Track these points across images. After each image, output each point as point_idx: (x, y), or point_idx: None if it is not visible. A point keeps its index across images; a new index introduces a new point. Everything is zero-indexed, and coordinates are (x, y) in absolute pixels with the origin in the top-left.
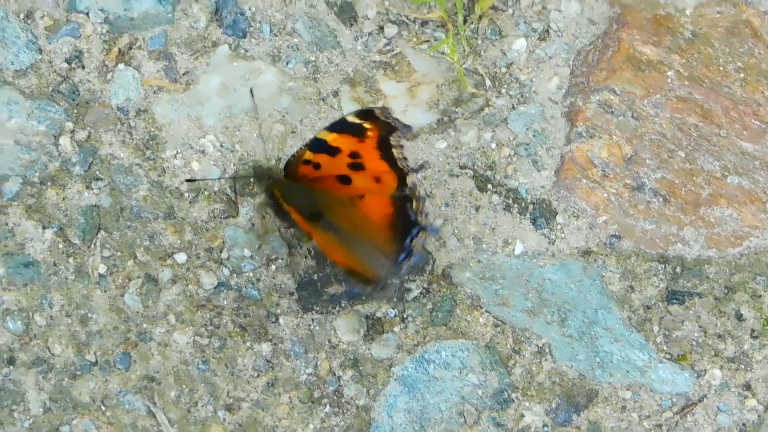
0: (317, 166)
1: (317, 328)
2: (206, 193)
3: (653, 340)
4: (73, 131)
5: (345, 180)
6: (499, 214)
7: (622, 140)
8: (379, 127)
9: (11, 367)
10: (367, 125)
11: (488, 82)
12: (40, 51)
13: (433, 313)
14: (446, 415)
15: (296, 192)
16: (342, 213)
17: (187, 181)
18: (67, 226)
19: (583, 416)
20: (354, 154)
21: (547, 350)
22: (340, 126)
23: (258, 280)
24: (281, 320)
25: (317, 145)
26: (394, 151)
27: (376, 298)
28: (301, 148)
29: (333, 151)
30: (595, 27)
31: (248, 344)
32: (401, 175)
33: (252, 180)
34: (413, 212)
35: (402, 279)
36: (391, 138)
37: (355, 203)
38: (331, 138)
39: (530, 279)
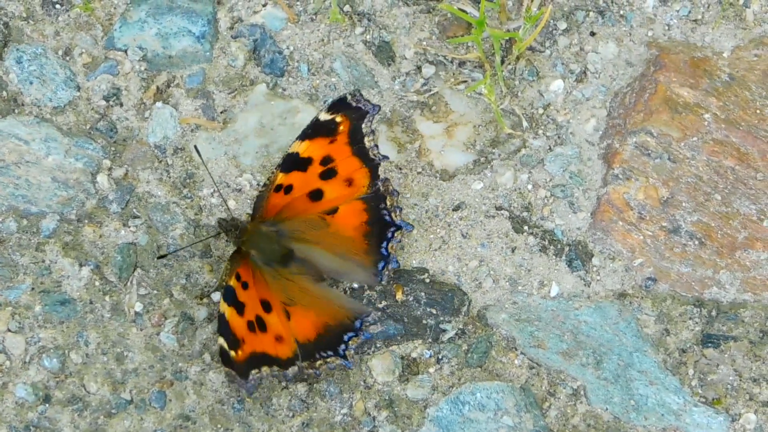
0: (289, 189)
1: (352, 368)
2: None
3: (688, 384)
4: (110, 169)
5: (317, 195)
6: (535, 256)
7: (658, 183)
8: (350, 118)
9: (47, 404)
10: (338, 119)
11: (525, 123)
12: (79, 88)
13: (469, 355)
14: None
15: (264, 236)
16: (315, 236)
17: (159, 257)
18: (103, 264)
19: None
20: (326, 160)
21: (582, 392)
22: (311, 129)
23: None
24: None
25: (289, 161)
26: (366, 140)
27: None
28: (270, 177)
29: (305, 163)
30: (632, 69)
31: (284, 384)
32: (373, 167)
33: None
34: (387, 211)
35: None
36: (363, 125)
37: (328, 222)
38: (303, 148)
39: (566, 321)
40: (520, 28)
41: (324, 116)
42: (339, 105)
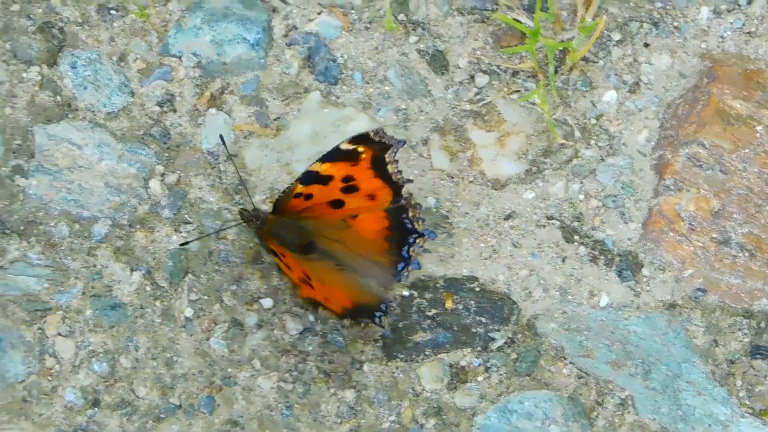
0: (309, 197)
1: (401, 375)
2: None
3: (736, 395)
4: (163, 174)
5: (338, 204)
6: (586, 266)
7: (709, 194)
8: (372, 148)
9: (96, 408)
10: (360, 149)
11: (577, 133)
12: (133, 94)
13: (517, 363)
14: None
15: (285, 226)
16: (335, 236)
17: (182, 245)
18: (154, 269)
19: None
20: (347, 178)
21: (630, 402)
22: (332, 155)
23: (343, 326)
24: (365, 367)
25: (309, 177)
26: (389, 167)
27: (380, 326)
28: (291, 184)
29: (325, 179)
30: (685, 80)
31: (332, 390)
32: (396, 188)
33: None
34: (409, 220)
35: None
36: (386, 156)
37: (349, 224)
38: (323, 168)
39: (615, 331)
40: (574, 39)
41: (345, 146)
42: (360, 139)
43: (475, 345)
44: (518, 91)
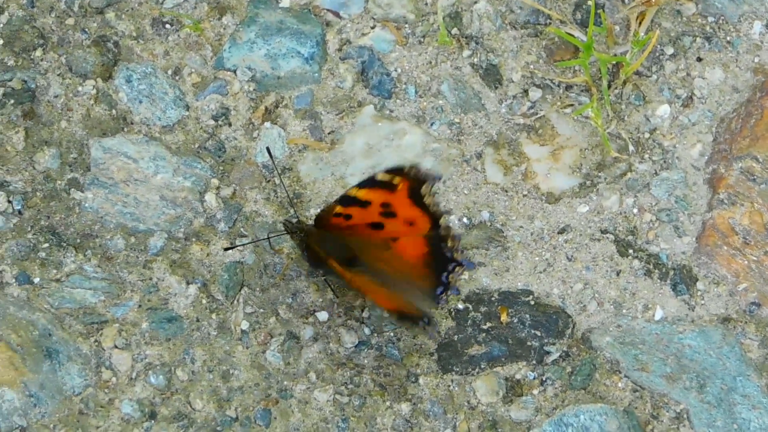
0: (348, 217)
1: (456, 388)
2: None
3: None
4: (218, 188)
5: (377, 226)
6: (640, 279)
7: (763, 208)
8: (409, 179)
9: (152, 421)
10: (396, 180)
11: (631, 147)
12: (188, 107)
13: (572, 377)
14: None
15: (330, 240)
16: (377, 255)
17: (225, 249)
18: (210, 282)
19: None
20: (386, 204)
21: (685, 416)
22: (369, 183)
23: (398, 339)
24: (421, 380)
25: (347, 200)
26: (426, 199)
27: (424, 333)
28: (329, 203)
29: (364, 204)
30: (738, 95)
31: (388, 403)
32: (434, 219)
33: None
34: (449, 250)
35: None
36: (422, 189)
37: (390, 246)
38: (362, 194)
39: (669, 345)
40: (628, 53)
41: (382, 176)
42: (397, 171)
43: (530, 358)
44: (572, 104)
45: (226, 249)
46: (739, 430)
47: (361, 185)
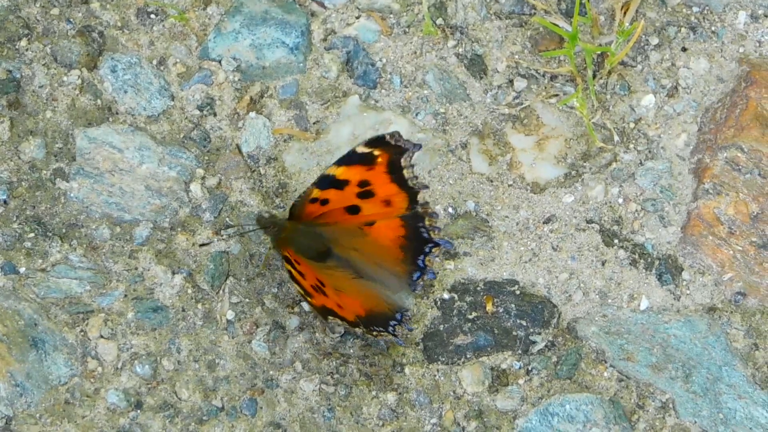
0: (324, 202)
1: (442, 378)
2: None
3: None
4: (203, 178)
5: (354, 210)
6: (625, 269)
7: (748, 198)
8: (388, 152)
9: (138, 410)
10: (376, 152)
11: (616, 137)
12: (173, 98)
13: (558, 366)
14: None
15: (302, 233)
16: (352, 244)
17: (201, 245)
18: (196, 272)
19: None
20: (363, 183)
21: (671, 405)
22: (348, 158)
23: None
24: (407, 370)
25: (325, 181)
26: (405, 171)
27: (394, 339)
28: (307, 189)
29: (341, 184)
30: (723, 85)
31: (374, 393)
32: (412, 193)
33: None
34: (425, 229)
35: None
36: (402, 159)
37: (366, 232)
38: (339, 171)
39: (655, 334)
40: (612, 43)
41: (361, 149)
42: (377, 141)
43: (516, 348)
44: (557, 95)
45: (201, 245)
46: (725, 419)
47: (340, 162)
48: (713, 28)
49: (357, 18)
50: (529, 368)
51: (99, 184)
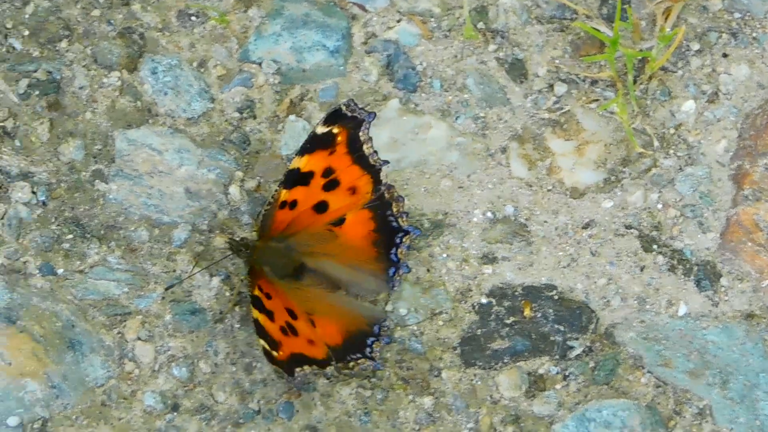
0: (293, 204)
1: (479, 383)
2: None
3: None
4: (242, 180)
5: (322, 207)
6: (664, 275)
7: None
8: (347, 127)
9: (175, 413)
10: (335, 130)
11: (656, 143)
12: (212, 100)
13: (595, 372)
14: None
15: (274, 251)
16: (325, 250)
17: (166, 289)
18: (234, 275)
19: None
20: (327, 171)
21: (708, 412)
22: (310, 144)
23: (421, 333)
24: (443, 374)
25: (291, 177)
26: (365, 147)
27: (371, 363)
28: (273, 194)
29: (306, 178)
30: (764, 91)
31: (410, 397)
32: (374, 173)
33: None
34: (394, 217)
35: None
36: (360, 133)
37: (336, 233)
38: (303, 162)
39: (693, 340)
40: (653, 48)
41: (321, 129)
42: (334, 116)
43: (554, 353)
44: (597, 100)
45: (167, 288)
46: (762, 426)
47: (302, 150)
48: (754, 34)
49: (398, 21)
50: (567, 373)
51: (138, 186)
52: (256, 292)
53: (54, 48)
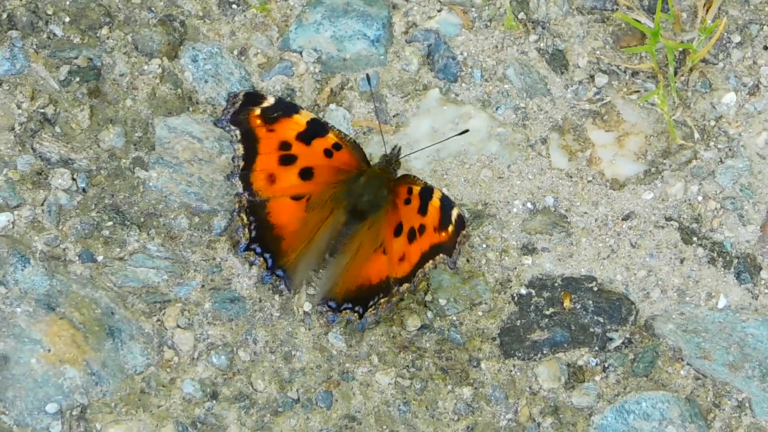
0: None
1: (518, 374)
2: None
3: None
4: None
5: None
6: (704, 267)
7: None
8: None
9: (214, 401)
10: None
11: (697, 135)
12: (253, 88)
13: (635, 364)
14: None
15: None
16: None
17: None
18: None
19: None
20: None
21: (747, 405)
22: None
23: (461, 323)
24: (483, 365)
25: None
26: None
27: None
28: None
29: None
30: None
31: (449, 387)
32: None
33: None
34: None
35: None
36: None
37: None
38: None
39: (732, 333)
40: (694, 40)
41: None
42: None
43: (593, 344)
44: (638, 91)
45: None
46: None
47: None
48: None
49: (438, 11)
50: (606, 365)
51: (178, 174)
52: None
53: (95, 35)
